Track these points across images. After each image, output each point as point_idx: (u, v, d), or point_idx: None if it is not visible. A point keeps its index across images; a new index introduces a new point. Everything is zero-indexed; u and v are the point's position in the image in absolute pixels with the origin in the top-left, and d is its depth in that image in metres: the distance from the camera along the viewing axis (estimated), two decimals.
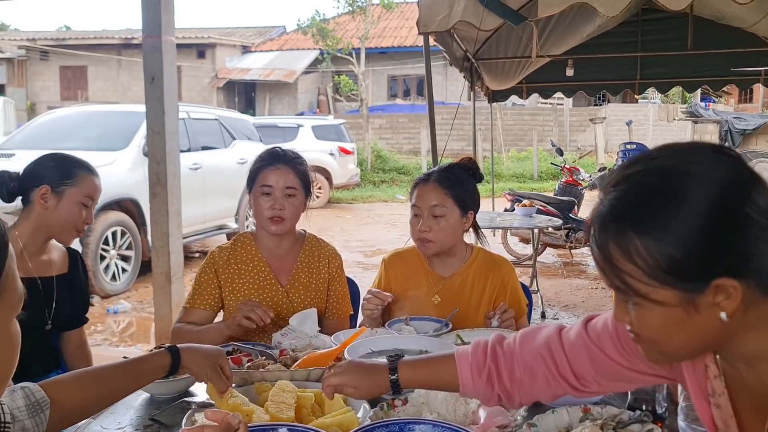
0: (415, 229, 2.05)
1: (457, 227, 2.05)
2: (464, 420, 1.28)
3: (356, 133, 17.36)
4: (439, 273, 2.13)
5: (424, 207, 2.02)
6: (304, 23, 21.33)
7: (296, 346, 1.74)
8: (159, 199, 3.54)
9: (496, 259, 2.18)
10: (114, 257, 6.18)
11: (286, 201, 2.03)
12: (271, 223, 2.03)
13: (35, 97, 22.78)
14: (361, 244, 8.92)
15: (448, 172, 2.07)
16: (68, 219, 2.00)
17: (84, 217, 2.02)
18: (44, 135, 7.04)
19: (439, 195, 2.01)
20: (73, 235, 2.05)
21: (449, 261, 2.13)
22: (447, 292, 2.10)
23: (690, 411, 1.23)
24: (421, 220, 2.02)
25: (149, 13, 3.43)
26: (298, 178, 2.07)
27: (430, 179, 2.05)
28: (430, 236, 2.01)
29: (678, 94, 20.43)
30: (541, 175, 16.58)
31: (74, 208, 2.00)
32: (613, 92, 8.32)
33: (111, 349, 4.89)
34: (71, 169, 2.02)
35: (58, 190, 1.99)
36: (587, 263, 7.78)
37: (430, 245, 2.03)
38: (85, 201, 2.02)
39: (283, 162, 2.06)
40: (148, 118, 3.48)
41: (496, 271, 2.12)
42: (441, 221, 2.01)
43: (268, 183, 2.04)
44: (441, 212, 2.01)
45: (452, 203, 2.02)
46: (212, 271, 2.08)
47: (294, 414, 1.30)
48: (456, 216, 2.03)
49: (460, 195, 2.03)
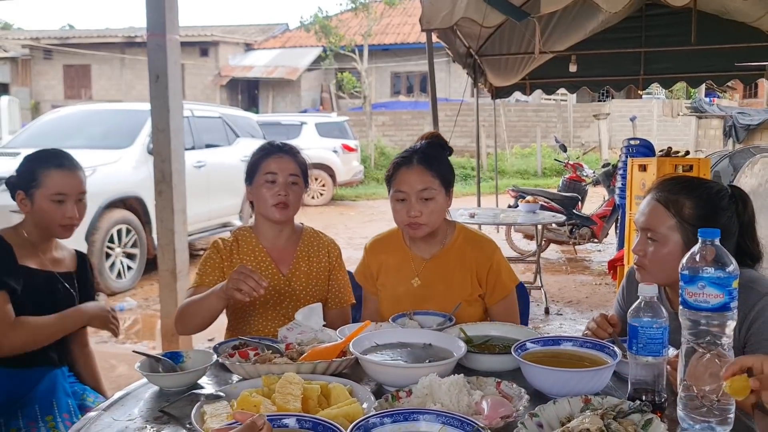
0: (401, 215, 2.00)
1: (444, 207, 2.03)
2: (468, 410, 1.30)
3: (359, 130, 17.37)
4: (421, 255, 2.10)
5: (411, 191, 1.97)
6: (307, 20, 21.36)
7: (302, 340, 1.76)
8: (164, 196, 3.56)
9: (478, 238, 2.13)
10: (119, 255, 6.22)
11: (290, 188, 2.08)
12: (277, 209, 2.06)
13: (39, 96, 22.85)
14: (364, 241, 8.88)
15: (427, 152, 2.02)
16: (45, 219, 2.01)
17: (65, 213, 2.01)
18: (49, 134, 7.08)
19: (426, 177, 1.97)
20: (61, 231, 2.04)
21: (431, 242, 2.09)
22: (427, 274, 2.08)
23: (689, 401, 1.25)
24: (408, 205, 1.97)
25: (153, 12, 3.44)
26: (299, 167, 2.12)
27: (413, 162, 1.99)
28: (423, 220, 1.97)
29: (682, 90, 20.37)
30: (545, 171, 16.57)
31: (47, 208, 2.00)
32: (617, 88, 8.31)
33: (118, 345, 4.93)
34: (34, 171, 2.02)
35: (29, 193, 2.02)
36: (591, 259, 7.79)
37: (422, 228, 1.99)
38: (56, 198, 2.00)
39: (285, 152, 2.12)
40: (153, 116, 3.49)
41: (478, 251, 2.08)
42: (430, 204, 1.97)
43: (272, 170, 2.07)
44: (430, 195, 1.97)
45: (438, 184, 1.98)
46: (218, 256, 2.11)
47: (301, 405, 1.32)
48: (442, 196, 2.00)
49: (444, 174, 2.01)
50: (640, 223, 1.72)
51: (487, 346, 1.73)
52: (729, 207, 1.68)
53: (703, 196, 1.67)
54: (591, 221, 7.38)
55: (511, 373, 1.56)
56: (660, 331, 1.32)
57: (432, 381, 1.36)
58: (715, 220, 1.63)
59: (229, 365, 1.60)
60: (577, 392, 1.34)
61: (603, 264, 7.20)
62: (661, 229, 1.67)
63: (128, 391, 1.58)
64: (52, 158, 2.06)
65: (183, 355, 1.69)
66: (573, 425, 1.18)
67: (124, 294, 6.14)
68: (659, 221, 1.67)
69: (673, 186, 1.71)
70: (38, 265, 2.04)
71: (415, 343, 1.67)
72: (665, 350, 1.34)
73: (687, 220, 1.64)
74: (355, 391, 1.42)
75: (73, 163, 2.09)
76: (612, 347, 1.53)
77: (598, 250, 8.19)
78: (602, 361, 1.51)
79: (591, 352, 1.56)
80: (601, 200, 7.99)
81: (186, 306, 1.98)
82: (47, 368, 2.06)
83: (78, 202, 2.06)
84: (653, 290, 1.34)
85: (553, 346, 1.61)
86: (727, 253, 1.26)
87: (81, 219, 2.09)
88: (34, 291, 1.98)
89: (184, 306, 1.99)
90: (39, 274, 2.03)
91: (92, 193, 6.85)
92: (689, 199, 1.66)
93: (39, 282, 2.01)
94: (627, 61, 7.23)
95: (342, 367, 1.59)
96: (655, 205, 1.69)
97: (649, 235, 1.69)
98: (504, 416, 1.27)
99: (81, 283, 2.17)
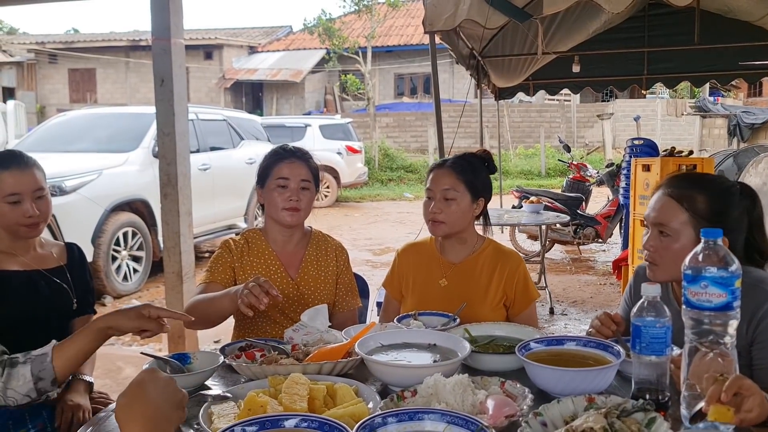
0: (427, 210, 2.15)
1: (468, 211, 2.14)
2: (472, 410, 1.31)
3: (363, 131, 17.41)
4: (450, 259, 2.20)
5: (436, 190, 2.12)
6: (311, 23, 21.39)
7: (308, 341, 1.78)
8: (170, 199, 3.57)
9: (506, 251, 2.23)
10: (125, 258, 6.24)
11: (301, 193, 2.12)
12: (288, 213, 2.10)
13: (45, 100, 22.96)
14: (369, 243, 8.96)
15: (463, 159, 2.17)
16: (5, 221, 1.99)
17: (23, 212, 1.97)
18: (55, 137, 7.12)
19: (452, 179, 2.11)
20: (26, 231, 2.01)
21: (460, 248, 2.20)
22: (455, 277, 2.17)
23: (692, 400, 1.25)
24: (433, 203, 2.12)
25: (158, 16, 3.46)
26: (311, 172, 2.16)
27: (445, 165, 2.16)
28: (441, 217, 2.10)
29: (686, 89, 20.34)
30: (549, 171, 16.57)
31: (2, 210, 1.97)
32: (620, 88, 8.31)
33: (124, 348, 4.96)
34: None
35: None
36: (595, 259, 7.79)
37: (441, 226, 2.12)
38: (10, 200, 1.97)
39: (297, 157, 2.15)
40: (158, 119, 3.51)
41: (504, 262, 2.17)
42: (452, 204, 2.10)
43: (284, 176, 2.11)
44: (452, 195, 2.10)
45: (464, 188, 2.12)
46: (229, 255, 2.14)
47: (307, 405, 1.34)
48: (467, 201, 2.13)
49: (472, 181, 2.13)
50: (652, 219, 1.72)
51: (492, 346, 1.74)
52: (740, 203, 1.68)
53: (716, 191, 1.67)
54: (595, 221, 7.38)
55: (515, 372, 1.57)
56: (663, 331, 1.33)
57: (437, 381, 1.37)
58: (728, 215, 1.64)
59: (235, 366, 1.62)
60: (581, 391, 1.35)
61: (607, 264, 7.20)
62: (674, 224, 1.67)
63: None
64: (2, 161, 2.01)
65: (190, 356, 1.70)
66: (576, 424, 1.19)
67: (130, 296, 6.16)
68: (672, 216, 1.68)
69: (685, 181, 1.71)
70: (19, 266, 2.03)
71: (420, 344, 1.69)
72: (669, 349, 1.35)
73: (700, 214, 1.64)
74: (361, 391, 1.44)
75: (24, 162, 2.03)
76: (616, 347, 1.54)
77: (603, 250, 8.18)
78: (606, 360, 1.51)
79: (595, 352, 1.57)
80: (605, 200, 7.99)
81: (198, 302, 2.00)
82: None
83: (37, 199, 2.01)
84: (656, 290, 1.35)
85: (557, 345, 1.62)
86: (729, 253, 1.27)
87: (46, 215, 2.04)
88: (13, 293, 1.98)
89: (195, 301, 2.01)
90: (19, 275, 2.02)
91: (98, 196, 6.87)
92: (702, 194, 1.66)
93: (19, 283, 2.00)
94: (630, 61, 7.23)
95: (347, 367, 1.60)
96: (668, 200, 1.69)
97: (661, 230, 1.69)
98: (508, 415, 1.28)
99: (74, 274, 2.16)
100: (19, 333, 1.89)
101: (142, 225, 6.45)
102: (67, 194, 5.66)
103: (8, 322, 1.92)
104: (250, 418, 1.22)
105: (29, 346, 1.75)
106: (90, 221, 5.83)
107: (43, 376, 1.54)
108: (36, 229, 2.04)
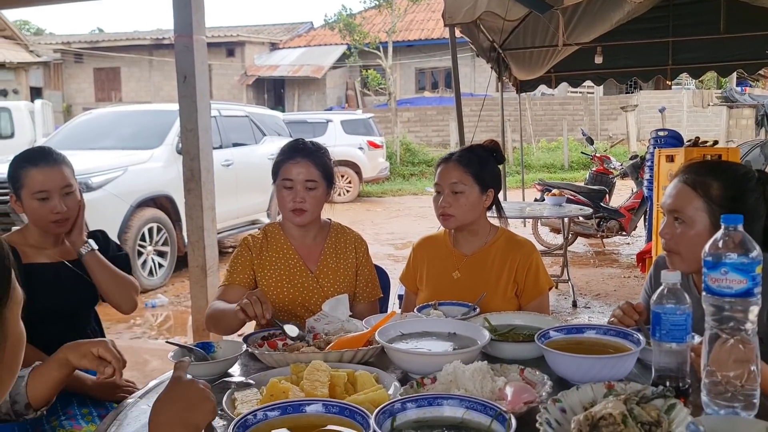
0: (436, 204, 2.17)
1: (477, 204, 2.15)
2: (491, 396, 1.32)
3: (385, 126, 17.39)
4: (462, 251, 2.22)
5: (444, 184, 2.14)
6: (331, 19, 21.42)
7: (329, 331, 1.80)
8: (193, 194, 3.62)
9: (519, 240, 2.23)
10: (151, 253, 6.34)
11: (306, 194, 2.09)
12: (294, 214, 2.11)
13: (71, 99, 23.33)
14: (391, 237, 8.98)
15: (469, 152, 2.19)
16: (35, 217, 2.05)
17: (51, 209, 2.01)
18: (81, 135, 7.25)
19: (459, 173, 2.13)
20: (54, 227, 2.05)
21: (472, 239, 2.21)
22: (467, 268, 2.18)
23: (713, 386, 1.25)
24: (442, 197, 2.14)
25: (180, 14, 3.50)
26: (318, 170, 2.11)
27: (451, 159, 2.18)
28: (450, 211, 2.13)
29: (713, 80, 19.98)
30: (572, 165, 16.41)
31: (32, 207, 2.02)
32: (644, 79, 8.20)
33: (150, 341, 5.05)
34: (16, 172, 2.04)
35: (18, 195, 2.06)
36: (619, 252, 7.72)
37: (451, 219, 2.14)
38: (38, 196, 2.01)
39: (303, 155, 2.11)
40: (182, 115, 3.56)
41: (516, 251, 2.17)
42: (460, 198, 2.12)
43: (289, 177, 2.10)
44: (460, 189, 2.12)
45: (471, 181, 2.13)
46: (248, 253, 2.16)
47: (328, 391, 1.36)
48: (475, 193, 2.13)
49: (479, 173, 2.14)
50: (667, 206, 1.72)
51: (511, 335, 1.75)
52: (756, 189, 1.67)
53: (730, 178, 1.67)
54: (619, 214, 7.31)
55: (534, 361, 1.58)
56: (683, 318, 1.33)
57: (456, 368, 1.38)
58: (743, 201, 1.62)
59: (258, 354, 1.65)
60: (600, 379, 1.35)
61: (631, 257, 7.13)
62: (689, 210, 1.66)
63: (162, 380, 1.64)
64: (31, 158, 2.06)
65: (214, 345, 1.74)
66: (596, 410, 1.19)
67: (156, 291, 6.26)
68: (687, 203, 1.67)
69: (700, 168, 1.71)
70: (48, 258, 2.09)
71: (440, 332, 1.70)
72: (689, 337, 1.35)
73: (715, 201, 1.64)
74: (381, 379, 1.45)
75: (53, 159, 2.06)
76: (636, 335, 1.54)
77: (627, 243, 8.10)
78: (626, 348, 1.51)
79: (615, 340, 1.57)
80: (630, 193, 7.90)
81: (213, 312, 2.04)
82: None
83: (65, 195, 2.05)
84: (676, 277, 1.35)
85: (577, 334, 1.62)
86: (750, 239, 1.26)
87: (73, 212, 2.07)
88: (41, 285, 2.03)
89: (211, 311, 2.06)
90: (48, 268, 2.07)
91: (124, 193, 6.98)
92: (717, 180, 1.66)
93: (46, 276, 2.06)
94: (654, 51, 7.12)
95: (368, 355, 1.62)
96: (683, 187, 1.69)
97: (676, 216, 1.69)
98: (527, 402, 1.28)
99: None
100: (46, 325, 1.94)
101: (167, 221, 6.54)
102: (94, 191, 5.77)
103: (37, 315, 1.97)
104: (273, 403, 1.25)
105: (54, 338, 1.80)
106: (116, 217, 5.93)
107: (17, 399, 1.45)
108: (64, 225, 2.08)
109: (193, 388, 1.12)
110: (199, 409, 1.10)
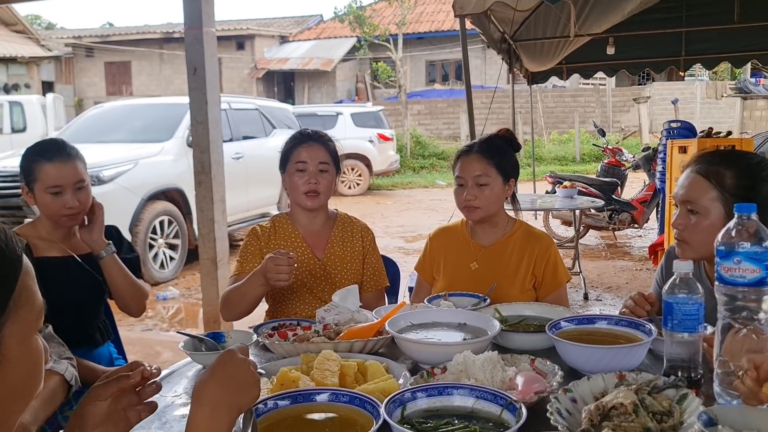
0: (460, 198, 2.15)
1: (501, 194, 2.15)
2: (502, 386, 1.32)
3: (395, 119, 17.35)
4: (480, 242, 2.21)
5: (468, 177, 2.13)
6: (341, 11, 21.37)
7: (339, 321, 1.80)
8: (204, 187, 3.64)
9: (537, 233, 2.23)
10: (162, 246, 6.38)
11: (320, 176, 2.15)
12: (307, 197, 2.14)
13: (82, 93, 23.44)
14: (401, 230, 8.97)
15: (489, 143, 2.17)
16: (47, 211, 2.05)
17: (64, 203, 2.02)
18: (92, 129, 7.29)
19: (483, 165, 2.12)
20: (65, 221, 2.06)
21: (491, 231, 2.21)
22: (485, 260, 2.18)
23: (725, 377, 1.24)
24: (465, 190, 2.13)
25: (190, 6, 3.51)
26: (329, 155, 2.18)
27: (472, 150, 2.16)
28: (476, 203, 2.12)
29: (727, 71, 19.77)
30: (584, 157, 16.30)
31: (46, 201, 2.03)
32: (657, 70, 8.12)
33: (162, 333, 5.08)
34: (30, 165, 2.05)
35: (30, 188, 2.06)
36: (631, 244, 7.67)
37: (476, 211, 2.13)
38: (51, 191, 2.02)
39: (315, 140, 2.19)
40: (192, 108, 3.57)
41: (534, 244, 2.17)
42: (485, 189, 2.11)
43: (302, 159, 2.15)
44: (485, 181, 2.11)
45: (495, 172, 2.12)
46: (257, 243, 2.19)
47: (338, 381, 1.36)
48: (499, 184, 2.13)
49: (502, 164, 2.14)
50: (680, 197, 1.71)
51: (522, 326, 1.74)
52: None
53: (743, 167, 1.65)
54: (631, 206, 7.26)
55: (545, 351, 1.57)
56: (695, 308, 1.32)
57: (466, 357, 1.38)
58: (757, 190, 1.61)
59: (268, 344, 1.65)
60: (612, 369, 1.34)
61: (643, 249, 7.08)
62: (703, 200, 1.65)
63: (173, 370, 1.65)
64: (45, 151, 2.06)
65: (225, 335, 1.75)
66: (607, 400, 1.19)
67: (167, 284, 6.30)
68: (700, 193, 1.66)
69: (713, 158, 1.69)
70: (59, 252, 2.10)
71: (450, 323, 1.70)
72: (701, 327, 1.34)
73: (728, 190, 1.63)
74: (391, 368, 1.45)
75: (67, 153, 2.06)
76: (648, 325, 1.53)
77: (639, 235, 8.05)
78: (637, 338, 1.50)
79: (626, 330, 1.56)
80: (642, 185, 7.84)
81: (229, 293, 2.07)
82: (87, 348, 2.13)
83: (78, 190, 2.05)
84: (688, 266, 1.34)
85: (588, 324, 1.61)
86: (764, 228, 1.25)
87: (86, 206, 2.08)
88: (52, 279, 2.03)
89: (226, 293, 2.08)
90: (58, 262, 2.08)
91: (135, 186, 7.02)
92: (730, 169, 1.64)
93: (57, 269, 2.07)
94: (667, 41, 7.04)
95: (378, 345, 1.62)
96: (695, 177, 1.68)
97: (690, 207, 1.68)
98: (538, 392, 1.28)
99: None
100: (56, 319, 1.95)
101: (178, 213, 6.57)
102: (105, 184, 5.81)
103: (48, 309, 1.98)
104: (283, 392, 1.25)
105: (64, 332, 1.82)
106: (127, 210, 5.96)
107: None
108: (75, 219, 2.10)
109: (245, 370, 1.04)
110: (247, 394, 1.04)
